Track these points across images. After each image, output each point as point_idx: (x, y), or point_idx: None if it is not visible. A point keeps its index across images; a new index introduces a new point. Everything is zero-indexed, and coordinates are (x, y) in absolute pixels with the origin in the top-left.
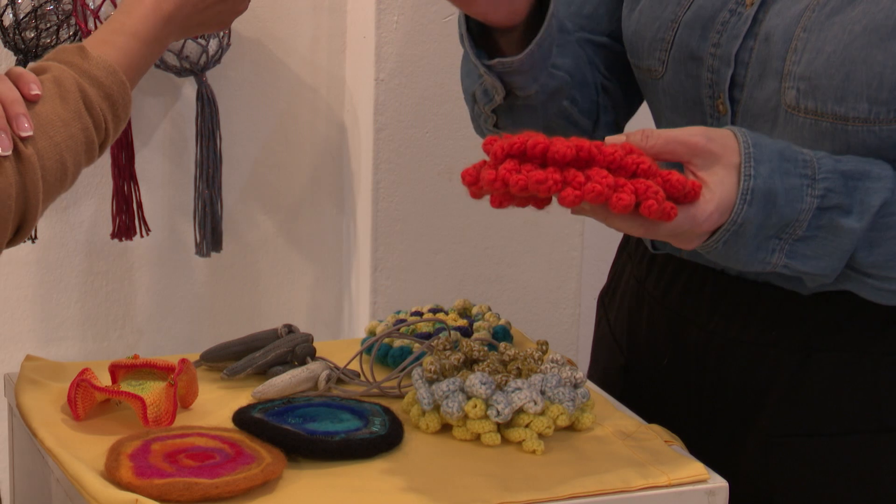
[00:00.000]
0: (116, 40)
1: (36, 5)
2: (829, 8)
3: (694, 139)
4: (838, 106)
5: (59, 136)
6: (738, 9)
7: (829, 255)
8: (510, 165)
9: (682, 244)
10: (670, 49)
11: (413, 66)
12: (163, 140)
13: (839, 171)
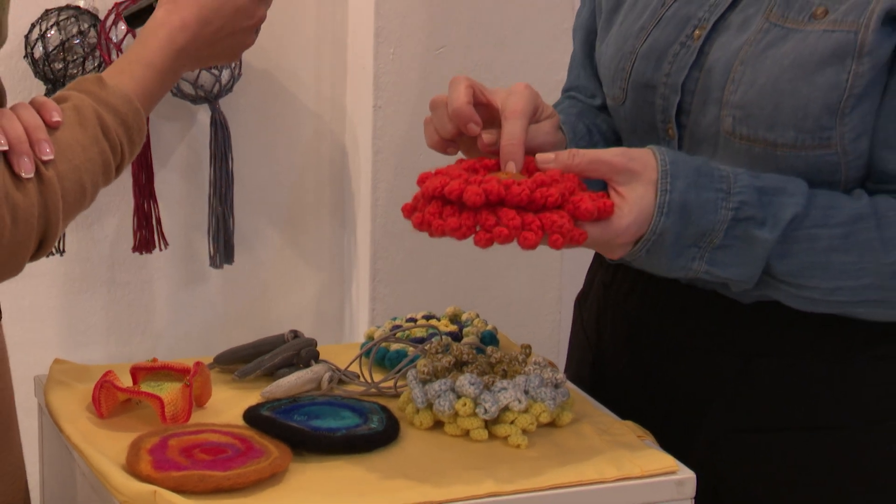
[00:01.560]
0: (133, 71)
1: (64, 39)
2: (763, 43)
3: (615, 159)
4: (769, 133)
5: (78, 160)
6: (686, 42)
7: (746, 262)
8: (434, 209)
9: (609, 254)
10: (629, 78)
11: (408, 94)
12: (180, 161)
13: (755, 186)
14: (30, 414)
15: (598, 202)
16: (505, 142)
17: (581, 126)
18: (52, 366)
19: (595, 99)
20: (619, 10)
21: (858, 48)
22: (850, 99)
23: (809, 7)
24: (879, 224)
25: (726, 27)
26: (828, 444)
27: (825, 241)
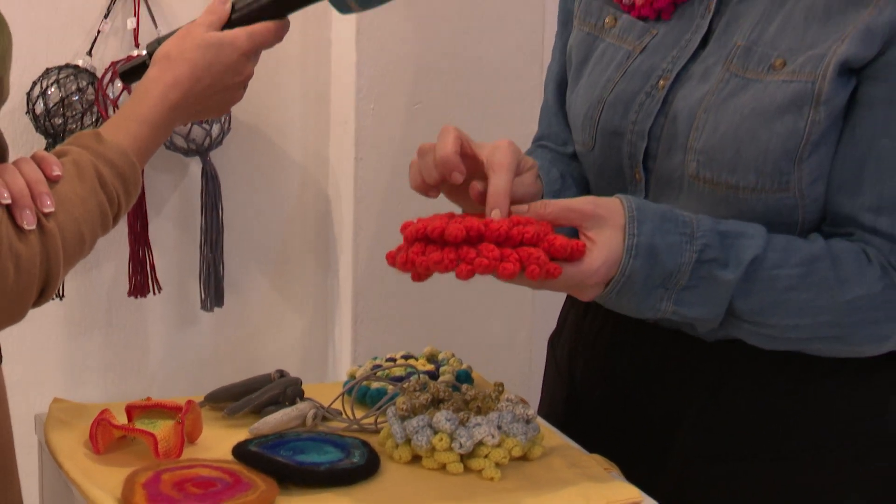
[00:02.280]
0: (129, 126)
1: (63, 96)
2: (725, 93)
3: (584, 206)
4: (731, 176)
5: (78, 212)
6: (652, 91)
7: (711, 302)
8: (417, 248)
9: (581, 296)
10: (598, 126)
11: (388, 147)
12: (173, 211)
13: (717, 230)
14: (30, 451)
15: (571, 241)
16: (491, 192)
17: (555, 172)
18: (51, 405)
19: (566, 147)
20: (588, 63)
21: (816, 97)
22: (807, 145)
23: (768, 59)
24: (834, 264)
25: (689, 77)
26: (794, 471)
27: (784, 281)
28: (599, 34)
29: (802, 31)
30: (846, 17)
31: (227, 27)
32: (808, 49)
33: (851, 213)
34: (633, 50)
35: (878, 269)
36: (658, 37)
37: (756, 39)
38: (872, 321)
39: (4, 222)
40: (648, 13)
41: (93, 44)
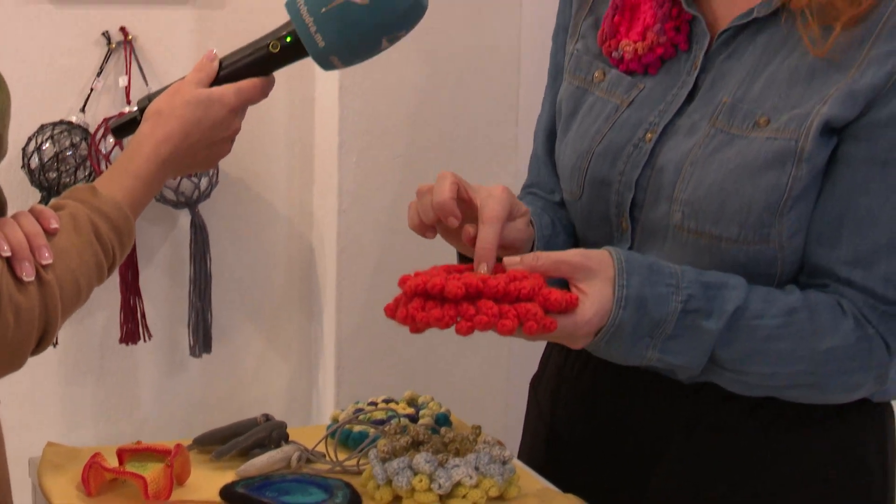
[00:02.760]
0: (122, 180)
1: (58, 151)
2: (710, 147)
3: (574, 259)
4: (715, 227)
5: (74, 263)
6: (639, 144)
7: (694, 350)
8: (417, 304)
9: (572, 344)
10: (586, 176)
11: (370, 199)
12: (163, 261)
13: (701, 281)
14: (25, 493)
15: (566, 295)
16: (479, 245)
17: (546, 218)
18: (45, 449)
19: (554, 195)
20: (577, 115)
21: (798, 155)
22: (788, 200)
23: (753, 116)
24: (811, 316)
25: (675, 131)
26: None
27: (764, 331)
28: (589, 87)
29: (786, 90)
30: (829, 79)
31: (215, 84)
32: (792, 108)
33: (828, 266)
34: (621, 103)
35: (851, 321)
36: (645, 91)
37: (741, 97)
38: (846, 371)
39: (4, 274)
40: (636, 68)
41: (86, 101)
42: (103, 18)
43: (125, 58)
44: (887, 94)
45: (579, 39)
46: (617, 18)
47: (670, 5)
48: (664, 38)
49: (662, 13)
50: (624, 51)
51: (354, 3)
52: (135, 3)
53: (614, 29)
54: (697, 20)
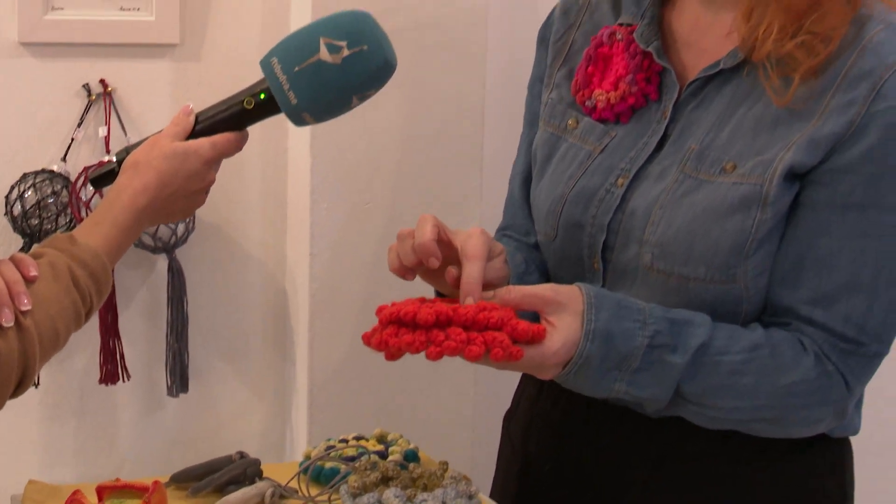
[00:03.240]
0: (101, 229)
1: (39, 198)
2: (679, 192)
3: (545, 293)
4: (683, 268)
5: (53, 309)
6: (611, 189)
7: (660, 384)
8: (391, 330)
9: (541, 375)
10: (560, 219)
11: (340, 244)
12: (141, 304)
13: (667, 318)
14: None
15: (533, 326)
16: (464, 281)
17: (519, 257)
18: (27, 486)
19: (529, 237)
20: (552, 160)
21: (763, 199)
22: (753, 242)
23: (720, 162)
24: (773, 352)
25: (646, 176)
26: None
27: (728, 366)
28: (563, 134)
29: (752, 138)
30: (792, 127)
31: (191, 137)
32: (757, 154)
33: (790, 305)
34: (593, 150)
35: (812, 358)
36: (617, 139)
37: (709, 144)
38: (806, 405)
39: None
40: (609, 117)
41: (67, 150)
42: (84, 71)
43: (105, 109)
44: (847, 142)
45: (554, 89)
46: (590, 69)
47: (641, 57)
48: (635, 89)
49: (634, 64)
50: (597, 100)
51: (327, 62)
52: (114, 56)
53: (588, 79)
54: (667, 72)
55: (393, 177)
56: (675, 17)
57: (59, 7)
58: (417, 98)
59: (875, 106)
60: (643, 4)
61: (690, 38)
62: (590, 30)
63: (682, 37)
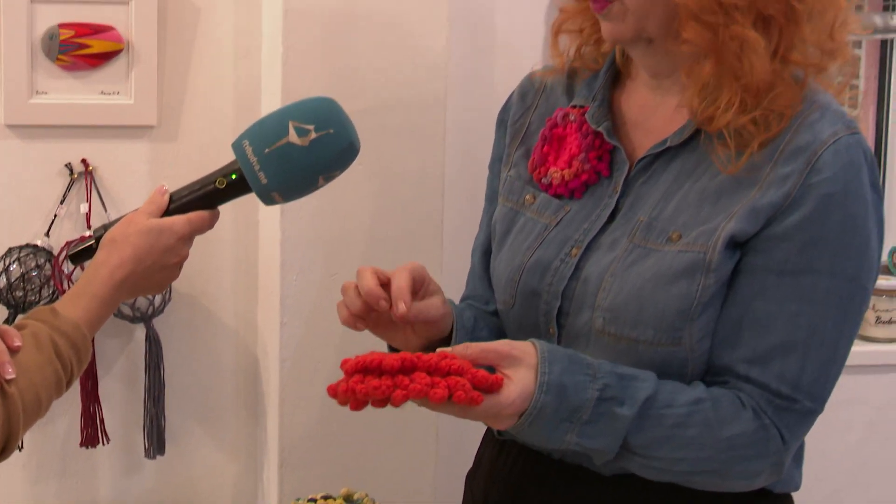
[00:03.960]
0: (81, 302)
1: (24, 272)
2: (629, 260)
3: (502, 347)
4: (632, 331)
5: (36, 378)
6: (566, 258)
7: (609, 435)
8: (357, 378)
9: (497, 425)
10: (518, 287)
11: (309, 312)
12: (120, 371)
13: (615, 372)
14: None
15: (491, 376)
16: (394, 287)
17: (468, 314)
18: None
19: (489, 305)
20: (510, 233)
21: (707, 266)
22: (698, 306)
23: (666, 232)
24: (715, 406)
25: (598, 247)
26: None
27: (672, 419)
28: (521, 209)
29: (696, 209)
30: (734, 198)
31: (166, 215)
32: (701, 224)
33: (729, 364)
34: (549, 223)
35: (751, 412)
36: (571, 213)
37: (657, 216)
38: (745, 458)
39: None
40: (564, 192)
41: (50, 226)
42: (66, 151)
43: (86, 187)
44: (784, 212)
45: (512, 167)
46: (546, 149)
47: (593, 137)
48: (588, 166)
49: (587, 143)
50: (552, 177)
51: (295, 144)
52: (95, 137)
53: (544, 158)
54: (618, 150)
55: (359, 250)
56: (625, 100)
57: (43, 91)
58: (381, 176)
59: (810, 179)
60: (594, 88)
61: (639, 118)
62: (545, 112)
63: (631, 117)
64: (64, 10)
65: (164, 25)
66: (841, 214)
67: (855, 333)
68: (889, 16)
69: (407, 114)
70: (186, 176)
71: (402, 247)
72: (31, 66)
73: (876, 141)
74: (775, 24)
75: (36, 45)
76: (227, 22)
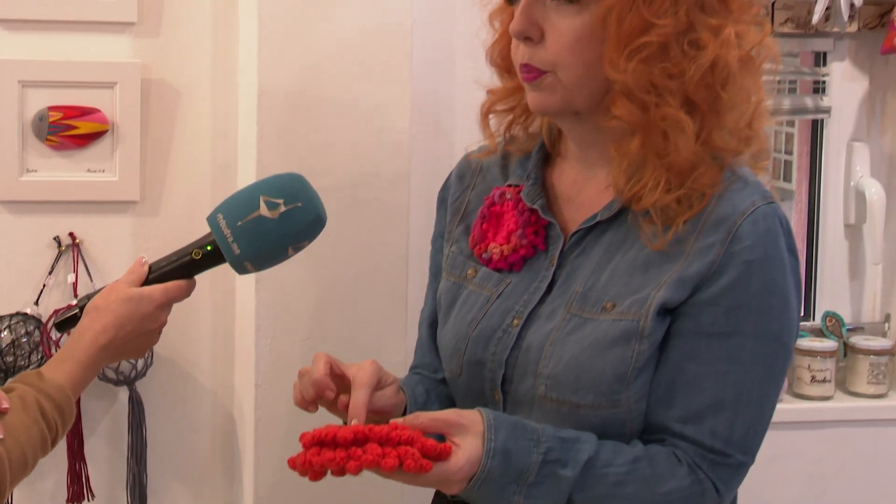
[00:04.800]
0: (65, 366)
1: (14, 338)
2: (567, 329)
3: (449, 416)
4: (573, 396)
5: (22, 438)
6: (508, 329)
7: (554, 496)
8: (314, 451)
9: (448, 490)
10: (464, 356)
11: (283, 375)
12: (104, 431)
13: (558, 436)
14: None
15: (440, 444)
16: (352, 405)
17: (420, 388)
18: None
19: (437, 374)
20: (455, 306)
21: (640, 333)
22: (634, 370)
23: (601, 302)
24: (652, 463)
25: (538, 317)
26: None
27: (613, 477)
28: (464, 283)
29: (627, 279)
30: (661, 269)
31: (146, 284)
32: (633, 294)
33: (665, 423)
34: (491, 295)
35: (686, 468)
36: (511, 285)
37: (591, 287)
38: None
39: None
40: (503, 266)
41: (39, 295)
42: (54, 225)
43: (73, 258)
44: (710, 279)
45: (454, 243)
46: (485, 226)
47: (529, 213)
48: (525, 241)
49: (523, 220)
50: (492, 252)
51: (266, 217)
52: (82, 212)
53: (483, 234)
54: (552, 225)
55: (329, 316)
56: (556, 177)
57: (34, 169)
58: (348, 247)
59: (732, 247)
60: (528, 167)
61: (570, 193)
62: (482, 191)
63: (563, 193)
64: (53, 94)
65: (146, 108)
66: (762, 279)
67: (780, 388)
68: (819, 98)
69: (372, 189)
70: (167, 247)
71: (369, 313)
72: (22, 145)
73: (809, 211)
74: (700, 110)
75: (27, 126)
76: (205, 104)
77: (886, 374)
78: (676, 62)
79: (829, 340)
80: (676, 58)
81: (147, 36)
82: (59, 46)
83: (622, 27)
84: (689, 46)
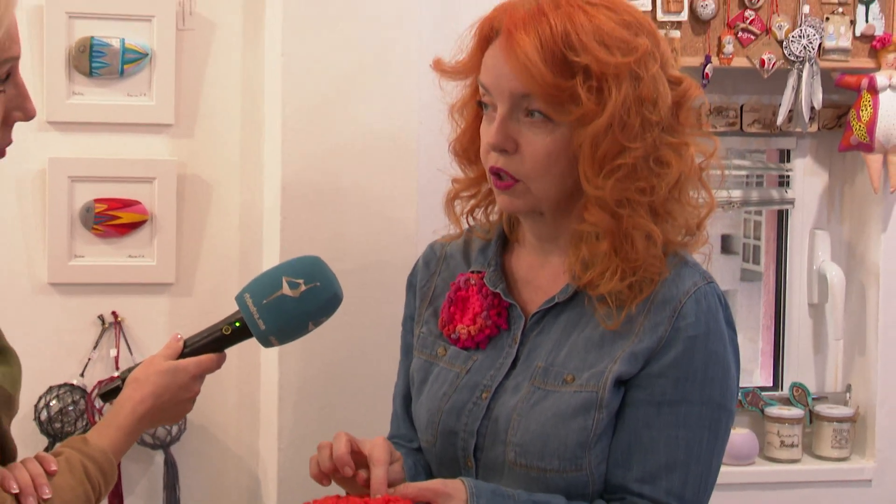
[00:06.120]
0: (108, 432)
1: (62, 406)
2: (532, 401)
3: (436, 486)
4: (540, 462)
5: (68, 496)
6: (478, 401)
7: None
8: None
9: None
10: (438, 428)
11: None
12: (142, 491)
13: (532, 500)
14: None
15: None
16: (373, 482)
17: (409, 462)
18: None
19: (412, 443)
20: (427, 381)
21: (599, 403)
22: (594, 437)
23: (561, 376)
24: None
25: (504, 390)
26: None
27: None
28: (434, 360)
29: (584, 355)
30: (615, 345)
31: (181, 358)
32: (590, 368)
33: (623, 483)
34: (461, 371)
35: None
36: (479, 361)
37: (552, 362)
38: None
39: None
40: (470, 345)
41: (84, 368)
42: (99, 304)
43: (115, 335)
44: (659, 354)
45: (424, 325)
46: (452, 309)
47: (492, 297)
48: (490, 322)
49: (487, 303)
50: (460, 333)
51: (288, 296)
52: (123, 293)
53: (451, 317)
54: (514, 307)
55: (346, 387)
56: (515, 262)
57: (80, 255)
58: (363, 323)
59: (677, 324)
60: (488, 255)
61: (528, 276)
62: (448, 276)
63: (522, 277)
64: (99, 188)
65: (181, 200)
66: (704, 352)
67: (724, 447)
68: (784, 190)
69: (383, 273)
70: (199, 324)
71: (381, 382)
72: (70, 233)
73: (776, 291)
74: (661, 217)
75: (75, 216)
76: (233, 197)
77: (849, 439)
78: (647, 179)
79: (796, 409)
80: (646, 175)
81: (183, 136)
82: (104, 146)
83: (599, 150)
84: (656, 164)
